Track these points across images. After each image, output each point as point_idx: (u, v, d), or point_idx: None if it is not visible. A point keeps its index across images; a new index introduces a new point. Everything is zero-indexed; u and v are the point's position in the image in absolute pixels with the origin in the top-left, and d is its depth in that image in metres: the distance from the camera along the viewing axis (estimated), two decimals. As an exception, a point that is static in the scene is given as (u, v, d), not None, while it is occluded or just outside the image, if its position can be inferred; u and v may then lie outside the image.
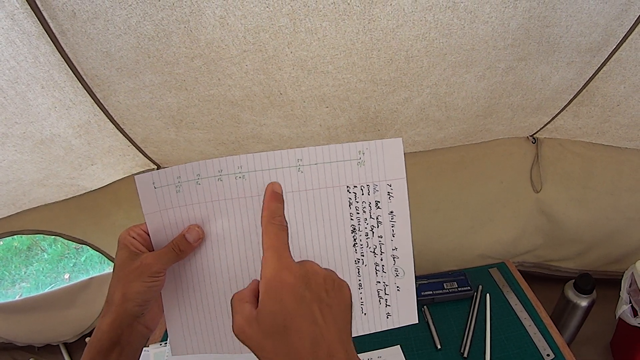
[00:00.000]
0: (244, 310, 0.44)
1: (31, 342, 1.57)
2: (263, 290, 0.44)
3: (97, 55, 0.78)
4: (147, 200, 0.55)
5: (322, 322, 0.43)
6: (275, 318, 0.42)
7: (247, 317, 0.44)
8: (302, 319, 0.43)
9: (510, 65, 0.92)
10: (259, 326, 0.43)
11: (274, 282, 0.44)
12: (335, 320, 0.45)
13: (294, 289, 0.44)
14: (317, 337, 0.42)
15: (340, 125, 1.05)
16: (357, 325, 0.59)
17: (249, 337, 0.43)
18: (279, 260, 0.46)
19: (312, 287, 0.45)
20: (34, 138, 0.90)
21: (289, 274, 0.45)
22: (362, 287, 0.59)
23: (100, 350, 0.52)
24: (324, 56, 0.81)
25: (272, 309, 0.43)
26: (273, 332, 0.42)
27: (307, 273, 0.46)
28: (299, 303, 0.43)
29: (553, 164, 1.31)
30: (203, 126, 1.02)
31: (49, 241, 2.62)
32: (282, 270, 0.45)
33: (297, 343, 0.42)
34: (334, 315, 0.45)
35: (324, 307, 0.44)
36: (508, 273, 1.33)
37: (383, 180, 0.57)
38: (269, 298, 0.44)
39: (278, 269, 0.45)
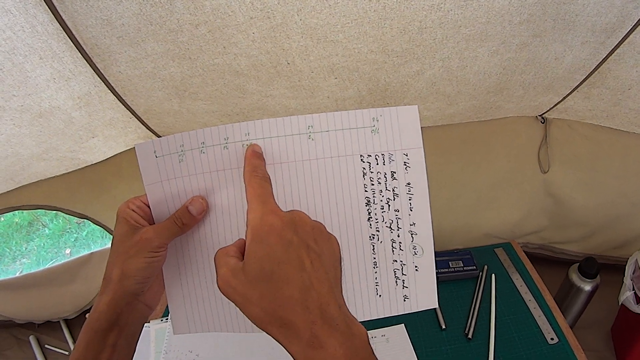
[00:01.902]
0: (229, 262, 0.43)
1: (31, 319, 1.57)
2: (249, 238, 0.42)
3: (97, 24, 0.75)
4: (147, 170, 0.53)
5: (311, 269, 0.41)
6: (262, 263, 0.40)
7: (232, 268, 0.42)
8: (289, 265, 0.41)
9: (524, 42, 0.89)
10: (245, 276, 0.41)
11: (260, 227, 0.42)
12: (326, 270, 0.43)
13: (281, 233, 0.42)
14: (307, 285, 0.40)
15: (348, 97, 1.02)
16: (371, 308, 0.57)
17: (234, 288, 0.41)
18: (264, 205, 0.44)
19: (299, 233, 0.43)
20: (32, 111, 0.88)
21: (276, 218, 0.43)
22: (377, 266, 0.56)
23: (97, 331, 0.50)
24: (334, 24, 0.78)
25: (259, 255, 0.41)
26: (260, 280, 0.40)
27: (294, 219, 0.44)
28: (287, 247, 0.41)
29: (561, 145, 1.30)
30: (207, 97, 0.99)
31: (50, 216, 2.61)
32: (268, 214, 0.43)
33: (285, 291, 0.40)
34: (323, 264, 0.43)
35: (312, 254, 0.42)
36: (513, 253, 1.33)
37: (399, 150, 0.54)
38: (256, 243, 0.42)
39: (264, 213, 0.44)
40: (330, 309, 0.40)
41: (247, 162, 0.50)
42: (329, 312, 0.39)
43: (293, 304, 0.39)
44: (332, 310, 0.40)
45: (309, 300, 0.39)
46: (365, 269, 0.56)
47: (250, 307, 0.40)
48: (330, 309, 0.40)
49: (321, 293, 0.40)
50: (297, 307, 0.39)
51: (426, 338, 1.09)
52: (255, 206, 0.44)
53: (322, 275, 0.41)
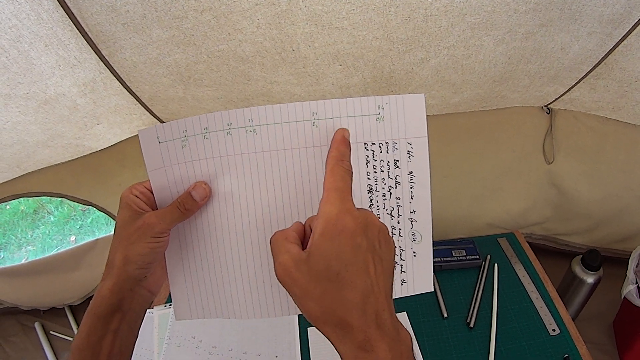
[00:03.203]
0: (291, 250, 0.42)
1: (36, 305, 1.59)
2: (320, 231, 0.41)
3: (102, 10, 0.75)
4: (150, 155, 0.52)
5: (374, 274, 0.41)
6: (330, 263, 0.40)
7: (295, 258, 0.41)
8: (356, 268, 0.40)
9: (530, 31, 0.89)
10: (309, 269, 0.40)
11: (334, 225, 0.41)
12: (385, 274, 0.43)
13: (353, 236, 0.41)
14: (368, 290, 0.40)
15: (353, 84, 1.02)
16: None
17: (294, 279, 0.40)
18: (342, 203, 0.43)
19: (369, 236, 0.42)
20: (37, 98, 0.88)
21: (351, 219, 0.42)
22: None
23: (100, 316, 0.50)
24: (339, 11, 0.77)
25: (328, 253, 0.40)
26: (324, 278, 0.40)
27: (366, 221, 0.43)
28: (356, 251, 0.41)
29: (566, 136, 1.29)
30: (212, 83, 0.99)
31: (55, 204, 2.63)
32: (345, 213, 0.42)
33: (348, 293, 0.39)
34: (384, 270, 0.43)
35: (376, 258, 0.42)
36: (517, 244, 1.33)
37: (403, 138, 0.54)
38: (326, 240, 0.41)
39: (341, 211, 0.42)
40: (384, 315, 0.40)
41: (334, 146, 0.49)
42: (383, 317, 0.40)
43: (353, 307, 0.39)
44: (385, 316, 0.40)
45: (367, 305, 0.39)
46: None
47: (309, 302, 0.40)
48: (384, 315, 0.40)
49: (379, 299, 0.40)
50: (355, 311, 0.39)
51: (428, 326, 1.09)
52: (333, 199, 0.43)
53: (382, 281, 0.42)
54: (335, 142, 0.50)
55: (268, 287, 0.54)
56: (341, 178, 0.45)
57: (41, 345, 1.54)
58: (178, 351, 1.06)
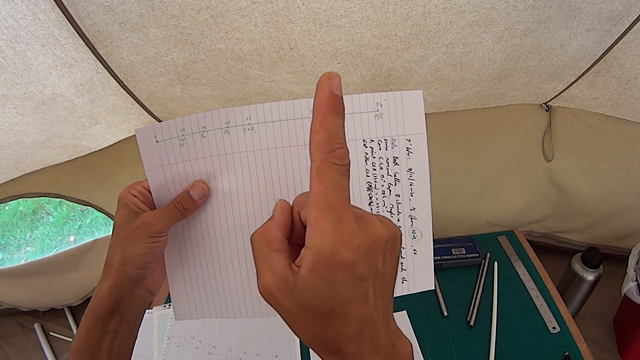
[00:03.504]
0: (275, 267, 0.35)
1: (36, 306, 1.58)
2: (309, 267, 0.33)
3: (98, 10, 0.75)
4: (148, 155, 0.52)
5: (373, 300, 0.35)
6: (322, 303, 0.33)
7: (281, 281, 0.34)
8: (354, 303, 0.34)
9: (529, 28, 0.88)
10: (296, 300, 0.33)
11: (327, 262, 0.32)
12: (385, 292, 0.37)
13: (352, 270, 0.33)
14: (365, 319, 0.35)
15: (352, 82, 1.02)
16: None
17: (279, 303, 0.34)
18: (338, 230, 0.33)
19: (372, 259, 0.35)
20: (35, 98, 0.88)
21: (349, 251, 0.33)
22: None
23: (99, 317, 0.50)
24: (337, 9, 0.77)
25: (319, 293, 0.33)
26: (315, 314, 0.34)
27: (369, 247, 0.34)
28: (354, 286, 0.33)
29: (565, 133, 1.29)
30: (209, 82, 0.99)
31: (54, 204, 2.63)
32: (342, 246, 0.32)
33: (342, 328, 0.34)
34: (385, 286, 0.37)
35: (377, 281, 0.35)
36: (516, 242, 1.33)
37: (402, 135, 0.53)
38: (318, 278, 0.33)
39: (336, 243, 0.32)
40: (379, 333, 0.36)
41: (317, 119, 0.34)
42: (378, 336, 0.36)
43: (347, 339, 0.34)
44: (380, 334, 0.36)
45: (364, 335, 0.35)
46: None
47: (297, 329, 0.35)
48: (379, 333, 0.36)
49: (376, 325, 0.35)
50: (349, 342, 0.34)
51: (428, 325, 1.09)
52: (325, 228, 0.33)
53: (381, 301, 0.36)
54: (318, 108, 0.33)
55: None
56: (333, 185, 0.33)
57: (41, 346, 1.54)
58: (178, 351, 1.05)
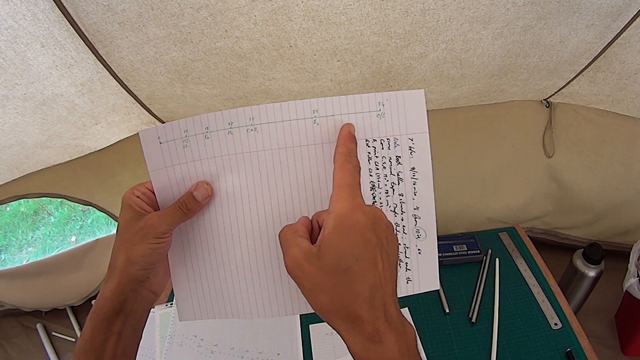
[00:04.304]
0: (301, 244, 0.43)
1: (38, 307, 1.59)
2: (331, 226, 0.42)
3: (97, 10, 0.75)
4: (152, 156, 0.52)
5: (382, 269, 0.42)
6: (341, 257, 0.41)
7: (306, 252, 0.42)
8: (366, 262, 0.41)
9: (528, 24, 0.88)
10: (320, 262, 0.41)
11: (345, 220, 0.42)
12: (391, 269, 0.44)
13: (364, 231, 0.42)
14: (377, 284, 0.41)
15: (351, 80, 1.02)
16: None
17: (306, 273, 0.41)
18: (353, 199, 0.44)
19: (377, 231, 0.43)
20: (35, 99, 0.88)
21: (362, 215, 0.43)
22: None
23: (103, 318, 0.50)
24: (336, 6, 0.77)
25: (339, 248, 0.41)
26: (335, 271, 0.41)
27: (375, 217, 0.44)
28: (366, 246, 0.42)
29: (566, 130, 1.29)
30: (210, 81, 0.99)
31: (56, 204, 2.64)
32: (356, 209, 0.43)
33: (358, 286, 0.40)
34: (390, 265, 0.44)
35: (384, 254, 0.43)
36: (518, 238, 1.33)
37: (404, 134, 0.54)
38: (338, 235, 0.42)
39: (352, 207, 0.43)
40: (391, 308, 0.41)
41: (341, 142, 0.50)
42: (390, 311, 0.41)
43: (362, 300, 0.40)
44: (392, 310, 0.41)
45: (376, 299, 0.41)
46: None
47: (319, 295, 0.41)
48: (391, 308, 0.41)
49: (387, 293, 0.42)
50: (365, 304, 0.40)
51: (430, 322, 1.09)
52: (345, 196, 0.44)
53: (389, 276, 0.43)
54: (341, 138, 0.50)
55: (272, 286, 0.54)
56: (350, 174, 0.46)
57: (43, 346, 1.54)
58: (180, 350, 1.06)
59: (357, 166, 0.48)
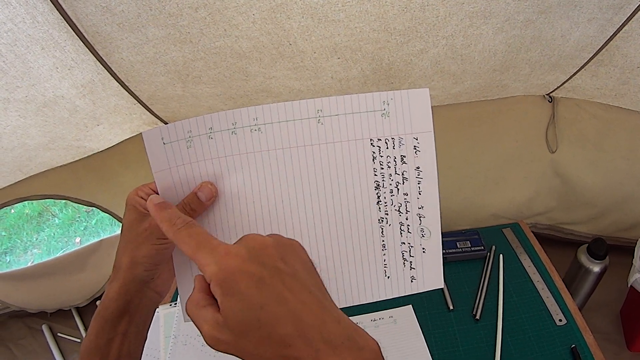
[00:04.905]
0: (206, 316, 0.38)
1: (43, 308, 1.59)
2: (219, 292, 0.38)
3: (96, 11, 0.75)
4: (155, 157, 0.52)
5: (292, 297, 0.37)
6: (244, 316, 0.36)
7: (214, 324, 0.37)
8: (271, 303, 0.37)
9: (529, 18, 0.88)
10: (231, 330, 0.37)
11: (223, 277, 0.38)
12: (307, 288, 0.39)
13: (247, 272, 0.37)
14: (297, 315, 0.37)
15: (352, 77, 1.01)
16: (379, 289, 0.57)
17: (225, 343, 0.37)
18: (214, 253, 0.39)
19: (265, 262, 0.39)
20: (36, 101, 0.88)
21: (233, 260, 0.38)
22: (385, 248, 0.56)
23: (108, 319, 0.50)
24: (335, 3, 0.77)
25: (236, 308, 0.37)
26: (248, 330, 0.36)
27: (252, 249, 0.39)
28: (260, 287, 0.37)
29: (569, 124, 1.28)
30: (210, 80, 0.99)
31: (60, 206, 2.65)
32: (223, 259, 0.38)
33: (279, 330, 0.36)
34: (302, 283, 0.39)
35: (287, 279, 0.38)
36: (521, 234, 1.32)
37: (409, 134, 0.54)
38: (227, 297, 0.37)
39: (218, 261, 0.38)
40: (328, 329, 0.37)
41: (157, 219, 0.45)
42: (328, 332, 0.37)
43: (292, 339, 0.36)
44: (331, 329, 0.37)
45: (305, 330, 0.36)
46: (374, 252, 0.56)
47: (250, 357, 0.37)
48: (328, 329, 0.37)
49: (315, 315, 0.37)
50: (297, 342, 0.36)
51: (434, 319, 1.09)
52: (205, 259, 0.39)
53: (306, 296, 0.38)
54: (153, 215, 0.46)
55: None
56: (189, 237, 0.42)
57: (49, 347, 1.54)
58: (184, 349, 1.06)
59: (188, 223, 0.43)
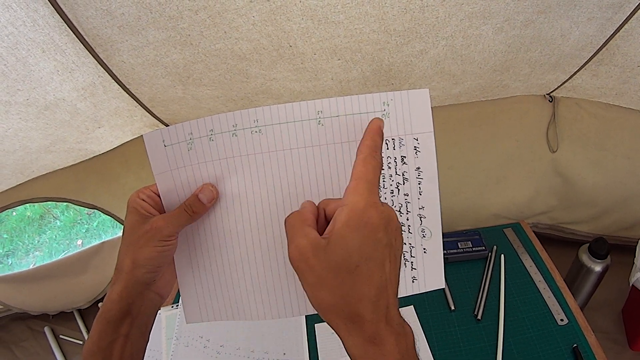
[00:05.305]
0: (309, 234, 0.41)
1: (45, 310, 1.60)
2: (344, 220, 0.40)
3: (97, 14, 0.75)
4: (156, 159, 0.52)
5: (389, 271, 0.41)
6: (351, 254, 0.39)
7: (314, 244, 0.40)
8: (375, 263, 0.40)
9: (529, 18, 0.88)
10: (328, 257, 0.39)
11: (359, 216, 0.40)
12: (397, 270, 0.43)
13: (376, 230, 0.40)
14: (383, 286, 0.40)
15: (352, 78, 1.01)
16: None
17: (311, 266, 0.39)
18: (370, 195, 0.42)
19: (389, 232, 0.42)
20: (38, 104, 0.89)
21: (376, 213, 0.41)
22: None
23: (110, 321, 0.50)
24: (334, 5, 0.77)
25: (350, 244, 0.39)
26: (343, 268, 0.39)
27: (388, 217, 0.42)
28: (377, 245, 0.40)
29: (569, 124, 1.28)
30: (211, 82, 0.99)
31: (61, 208, 2.65)
32: (371, 206, 0.41)
33: (364, 287, 0.39)
34: (396, 265, 0.43)
35: (392, 255, 0.42)
36: (523, 234, 1.32)
37: (409, 134, 0.53)
38: (350, 231, 0.40)
39: (368, 203, 0.41)
40: (393, 310, 0.41)
41: (368, 135, 0.48)
42: (392, 312, 0.40)
43: (367, 301, 0.39)
44: (393, 311, 0.41)
45: (380, 300, 0.39)
46: None
47: (322, 291, 0.40)
48: (393, 310, 0.41)
49: (390, 295, 0.41)
50: (370, 305, 0.39)
51: (435, 319, 1.09)
52: (362, 191, 0.42)
53: (394, 277, 0.42)
54: (370, 131, 0.48)
55: (278, 287, 0.54)
56: (372, 169, 0.44)
57: (51, 349, 1.55)
58: (186, 351, 1.06)
59: (380, 163, 0.46)
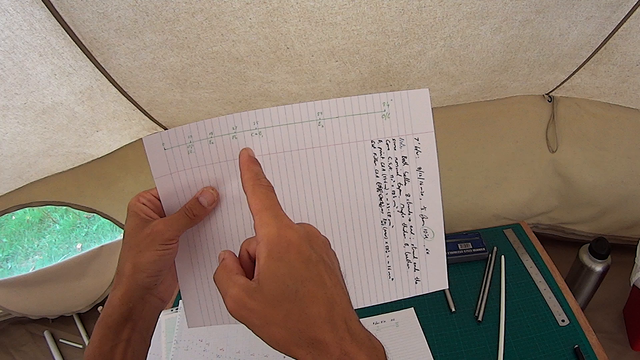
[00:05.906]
0: (238, 282, 0.40)
1: (45, 314, 1.59)
2: (265, 254, 0.39)
3: (93, 17, 0.75)
4: (156, 163, 0.52)
5: (331, 285, 0.39)
6: (285, 283, 0.38)
7: (246, 288, 0.39)
8: (313, 282, 0.38)
9: (527, 18, 0.87)
10: (263, 295, 0.38)
11: (277, 243, 0.39)
12: (340, 284, 0.41)
13: (300, 248, 0.39)
14: (331, 301, 0.38)
15: (351, 80, 1.01)
16: (384, 291, 0.57)
17: (251, 309, 0.38)
18: (277, 219, 0.42)
19: (315, 247, 0.41)
20: (35, 108, 0.89)
21: (293, 233, 0.40)
22: (389, 250, 0.56)
23: (111, 326, 0.50)
24: (331, 6, 0.76)
25: (280, 274, 0.38)
26: (282, 299, 0.38)
27: (308, 233, 0.42)
28: (307, 264, 0.39)
29: (569, 124, 1.28)
30: (208, 85, 0.99)
31: (61, 212, 2.65)
32: (284, 229, 0.41)
33: (312, 308, 0.38)
34: (338, 279, 0.41)
35: (328, 269, 0.40)
36: (523, 234, 1.32)
37: (410, 134, 0.53)
38: (275, 261, 0.39)
39: (279, 227, 0.41)
40: (353, 324, 0.39)
41: (244, 168, 0.48)
42: (353, 327, 0.39)
43: (321, 322, 0.37)
44: (355, 326, 0.39)
45: (335, 317, 0.38)
46: (378, 254, 0.56)
47: (273, 328, 0.38)
48: (353, 324, 0.39)
49: (344, 308, 0.39)
50: (325, 325, 0.37)
51: (436, 321, 1.08)
52: (268, 220, 0.42)
53: (340, 290, 0.40)
54: (243, 164, 0.49)
55: None
56: (265, 196, 0.44)
57: (51, 353, 1.54)
58: (185, 354, 1.05)
59: (270, 186, 0.46)
